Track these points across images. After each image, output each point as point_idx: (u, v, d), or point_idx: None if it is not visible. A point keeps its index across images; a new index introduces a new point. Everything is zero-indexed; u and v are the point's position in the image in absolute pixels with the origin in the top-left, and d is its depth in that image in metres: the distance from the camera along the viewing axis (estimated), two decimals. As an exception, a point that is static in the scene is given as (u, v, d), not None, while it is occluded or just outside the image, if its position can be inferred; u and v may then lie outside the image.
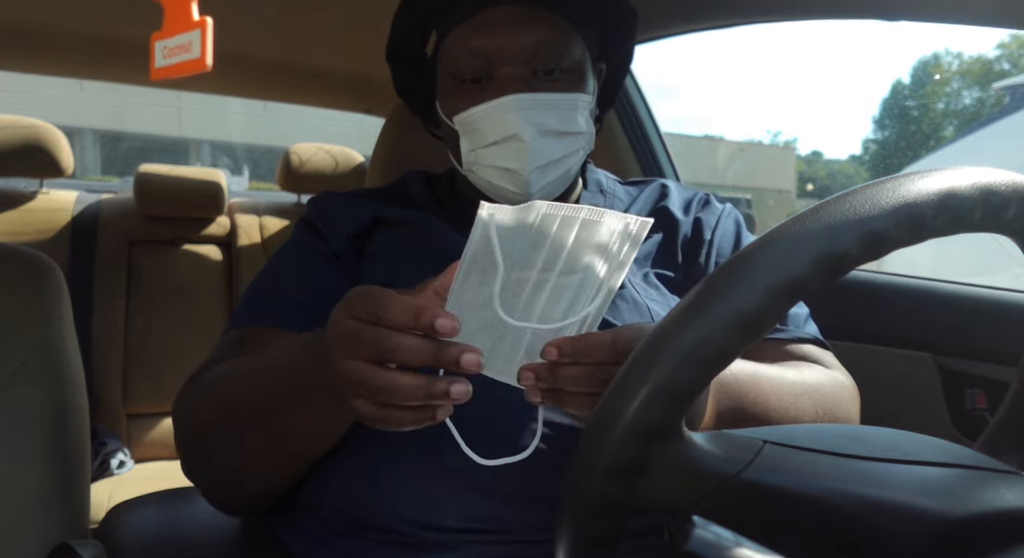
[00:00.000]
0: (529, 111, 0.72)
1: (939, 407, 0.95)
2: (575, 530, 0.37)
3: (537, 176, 0.74)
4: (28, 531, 0.73)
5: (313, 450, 0.63)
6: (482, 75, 0.74)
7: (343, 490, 0.65)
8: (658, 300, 0.74)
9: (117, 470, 1.67)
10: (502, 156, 0.73)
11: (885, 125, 11.57)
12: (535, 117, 0.72)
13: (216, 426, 0.65)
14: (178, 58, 0.34)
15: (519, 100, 0.72)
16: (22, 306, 0.76)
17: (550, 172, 0.75)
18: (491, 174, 0.75)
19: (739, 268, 0.35)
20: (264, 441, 0.62)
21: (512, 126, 0.72)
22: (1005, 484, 0.39)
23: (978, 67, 9.90)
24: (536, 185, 0.74)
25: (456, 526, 0.61)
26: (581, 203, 0.82)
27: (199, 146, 13.59)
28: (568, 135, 0.75)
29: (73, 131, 10.57)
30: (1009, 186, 0.37)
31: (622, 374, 0.36)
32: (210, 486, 0.70)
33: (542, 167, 0.74)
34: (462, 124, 0.76)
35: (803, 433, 0.40)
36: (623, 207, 0.85)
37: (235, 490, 0.68)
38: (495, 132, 0.73)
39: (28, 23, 1.32)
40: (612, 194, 0.86)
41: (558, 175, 0.76)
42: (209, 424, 0.66)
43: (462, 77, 0.75)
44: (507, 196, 0.76)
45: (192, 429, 0.68)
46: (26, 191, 1.94)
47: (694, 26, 1.16)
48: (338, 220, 0.80)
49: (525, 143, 0.71)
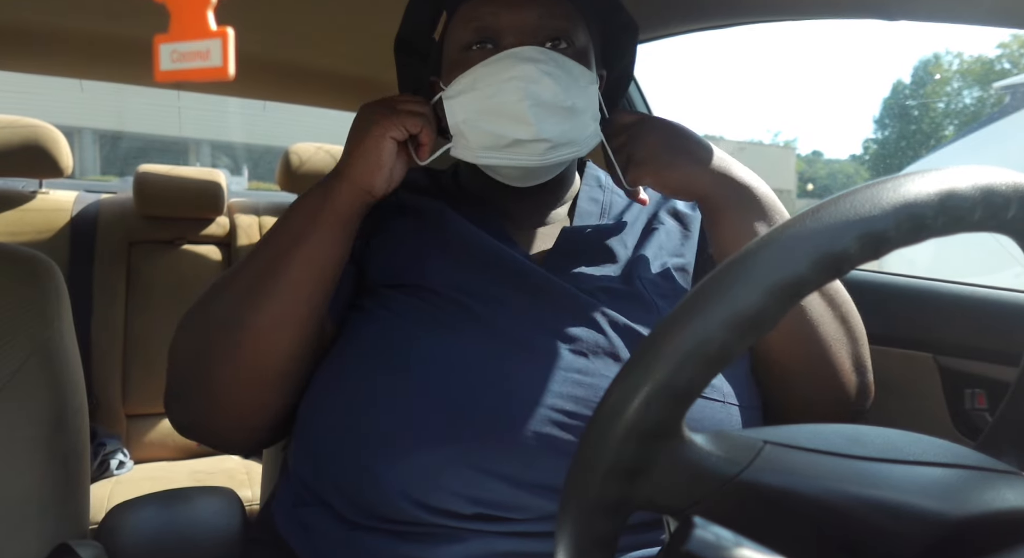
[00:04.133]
0: (535, 56, 0.70)
1: (939, 407, 0.95)
2: (575, 530, 0.37)
3: (540, 114, 0.69)
4: (28, 531, 0.73)
5: (323, 286, 0.69)
6: (489, 43, 0.74)
7: (347, 474, 0.65)
8: (670, 295, 0.74)
9: (117, 471, 1.67)
10: (501, 96, 0.69)
11: (885, 125, 11.58)
12: (540, 64, 0.70)
13: (224, 306, 0.69)
14: (193, 64, 0.34)
15: (524, 49, 0.70)
16: (21, 306, 0.76)
17: (555, 119, 0.70)
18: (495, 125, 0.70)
19: (739, 268, 0.35)
20: (275, 290, 0.67)
21: (512, 68, 0.69)
22: (1005, 484, 0.39)
23: (978, 67, 9.91)
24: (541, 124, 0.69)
25: (464, 511, 0.60)
26: (580, 196, 0.84)
27: (199, 146, 13.60)
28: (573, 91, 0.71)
29: (73, 131, 10.57)
30: (1010, 186, 0.37)
31: (622, 374, 0.36)
32: (211, 401, 0.69)
33: (545, 106, 0.69)
34: (461, 82, 0.72)
35: (803, 433, 0.40)
36: (621, 204, 0.84)
37: (242, 388, 0.69)
38: (496, 78, 0.70)
39: (28, 23, 1.31)
40: (611, 190, 0.86)
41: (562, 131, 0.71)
42: (215, 313, 0.69)
43: (468, 46, 0.75)
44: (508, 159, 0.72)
45: (189, 336, 0.70)
46: (25, 191, 1.94)
47: (694, 26, 1.16)
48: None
49: (527, 77, 0.68)
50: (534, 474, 0.60)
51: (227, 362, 0.68)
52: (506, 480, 0.60)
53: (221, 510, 0.80)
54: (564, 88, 0.70)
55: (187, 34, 0.34)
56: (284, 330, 0.67)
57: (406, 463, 0.61)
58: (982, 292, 0.94)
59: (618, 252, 0.76)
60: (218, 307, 0.70)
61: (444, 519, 0.61)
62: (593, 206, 0.83)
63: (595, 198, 0.84)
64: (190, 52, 0.34)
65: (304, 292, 0.68)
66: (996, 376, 0.91)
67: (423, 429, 0.62)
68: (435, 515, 0.61)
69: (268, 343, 0.67)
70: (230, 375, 0.68)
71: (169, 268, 1.92)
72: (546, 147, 0.70)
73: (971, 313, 0.94)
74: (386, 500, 0.62)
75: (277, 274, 0.67)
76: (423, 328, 0.67)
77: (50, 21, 1.31)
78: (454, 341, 0.66)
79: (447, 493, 0.60)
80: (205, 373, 0.68)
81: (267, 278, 0.68)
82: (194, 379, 0.69)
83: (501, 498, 0.60)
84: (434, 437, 0.61)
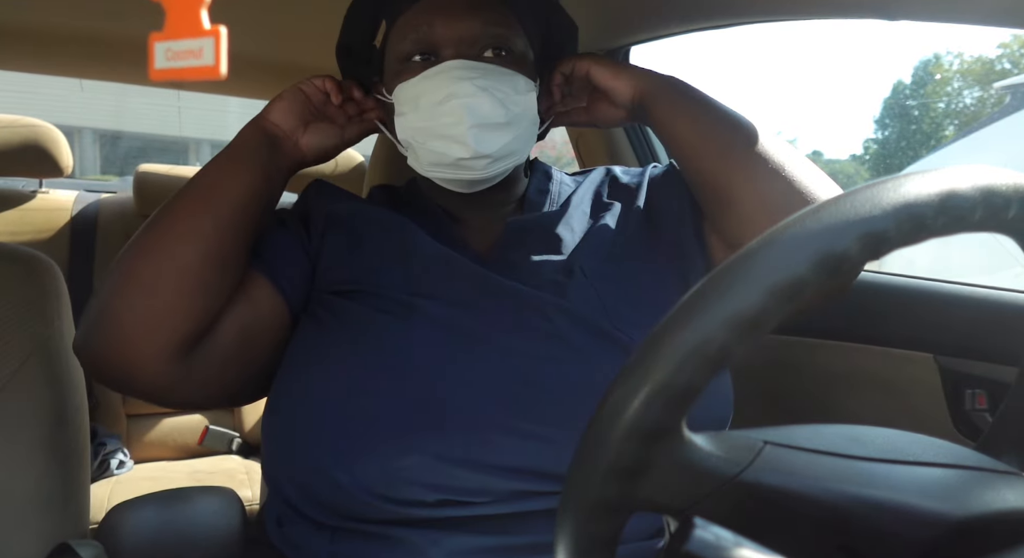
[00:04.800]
0: (470, 74, 0.73)
1: (939, 407, 0.95)
2: (575, 530, 0.37)
3: (478, 135, 0.72)
4: (28, 531, 0.73)
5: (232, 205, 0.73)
6: (429, 54, 0.76)
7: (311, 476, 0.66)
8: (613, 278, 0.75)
9: (117, 470, 1.67)
10: (441, 118, 0.73)
11: (886, 125, 11.58)
12: (476, 80, 0.72)
13: (157, 228, 0.72)
14: (186, 62, 0.34)
15: (460, 63, 0.73)
16: (22, 306, 0.76)
17: (493, 136, 0.73)
18: (435, 144, 0.75)
19: (739, 268, 0.35)
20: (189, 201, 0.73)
21: (450, 86, 0.72)
22: (1005, 484, 0.39)
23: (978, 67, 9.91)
24: (480, 144, 0.73)
25: (428, 499, 0.62)
26: (529, 188, 0.86)
27: (199, 146, 13.59)
28: (509, 105, 0.74)
29: (73, 131, 10.57)
30: (1010, 186, 0.37)
31: (622, 374, 0.36)
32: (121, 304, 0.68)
33: (483, 126, 0.73)
34: (403, 94, 0.76)
35: (803, 433, 0.40)
36: (569, 191, 0.86)
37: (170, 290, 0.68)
38: (435, 95, 0.73)
39: (28, 23, 1.31)
40: (559, 181, 0.88)
41: (502, 145, 0.74)
42: (149, 234, 0.72)
43: (409, 58, 0.76)
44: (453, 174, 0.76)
45: (128, 253, 0.71)
46: (25, 191, 1.94)
47: (694, 26, 1.16)
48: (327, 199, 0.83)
49: (464, 97, 0.72)
50: (493, 457, 0.62)
51: (137, 258, 0.70)
52: (466, 465, 0.62)
53: (221, 510, 0.80)
54: (502, 101, 0.73)
55: (181, 33, 0.34)
56: (199, 260, 0.69)
57: (365, 460, 0.63)
58: (982, 292, 0.94)
59: (564, 237, 0.79)
60: (144, 236, 0.72)
61: (411, 509, 0.62)
62: (541, 197, 0.85)
63: (543, 189, 0.86)
64: (183, 50, 0.34)
65: (214, 222, 0.71)
66: (996, 376, 0.91)
67: (380, 424, 0.64)
68: (402, 507, 0.62)
69: (171, 239, 0.70)
70: (137, 269, 0.69)
71: (169, 268, 1.92)
72: (487, 162, 0.74)
73: (971, 313, 0.94)
74: (354, 500, 0.63)
75: (186, 188, 0.75)
76: (376, 329, 0.69)
77: (49, 21, 1.31)
78: (406, 339, 0.68)
79: (411, 485, 0.62)
80: (117, 276, 0.69)
81: (180, 191, 0.75)
82: (110, 288, 0.69)
83: (463, 483, 0.62)
84: (392, 431, 0.63)
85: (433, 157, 0.76)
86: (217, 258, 0.70)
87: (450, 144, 0.73)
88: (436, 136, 0.74)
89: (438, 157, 0.75)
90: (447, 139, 0.73)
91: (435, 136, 0.74)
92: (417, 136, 0.76)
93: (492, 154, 0.74)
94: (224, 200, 0.72)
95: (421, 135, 0.75)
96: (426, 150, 0.76)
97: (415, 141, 0.76)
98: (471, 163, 0.74)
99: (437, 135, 0.74)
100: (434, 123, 0.73)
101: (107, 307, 0.68)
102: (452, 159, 0.74)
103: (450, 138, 0.73)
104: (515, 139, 0.75)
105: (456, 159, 0.74)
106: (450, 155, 0.74)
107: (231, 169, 0.75)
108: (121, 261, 0.70)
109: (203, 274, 0.69)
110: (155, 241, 0.70)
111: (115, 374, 0.69)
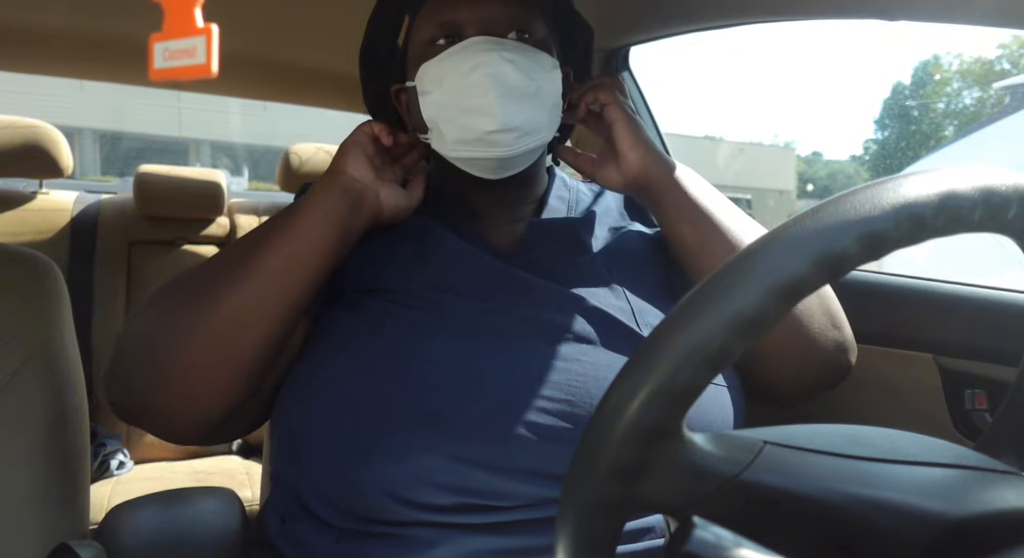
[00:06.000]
0: (495, 46, 0.72)
1: (939, 407, 0.95)
2: (575, 530, 0.37)
3: (505, 104, 0.71)
4: (28, 532, 0.73)
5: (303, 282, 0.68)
6: (453, 37, 0.75)
7: (328, 476, 0.64)
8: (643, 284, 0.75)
9: (117, 471, 1.68)
10: (467, 90, 0.71)
11: (885, 125, 11.59)
12: (502, 52, 0.72)
13: (199, 281, 0.68)
14: (181, 62, 0.34)
15: (485, 39, 0.73)
16: (22, 307, 0.76)
17: (520, 107, 0.72)
18: (462, 121, 0.73)
19: (739, 268, 0.35)
20: (258, 280, 0.66)
21: (475, 57, 0.71)
22: (1005, 484, 0.39)
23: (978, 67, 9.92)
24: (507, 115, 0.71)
25: (446, 503, 0.60)
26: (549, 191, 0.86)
27: (199, 146, 13.60)
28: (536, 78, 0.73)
29: (73, 131, 10.57)
30: (1010, 186, 0.37)
31: (622, 374, 0.36)
32: (161, 376, 0.66)
33: (509, 96, 0.71)
34: (427, 75, 0.75)
35: (803, 433, 0.40)
36: (588, 201, 0.86)
37: (197, 367, 0.65)
38: (460, 68, 0.72)
39: (28, 23, 1.31)
40: (576, 189, 0.88)
41: (528, 117, 0.73)
42: (187, 298, 0.67)
43: (433, 41, 0.76)
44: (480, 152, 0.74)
45: (159, 308, 0.68)
46: (26, 192, 1.94)
47: (694, 26, 1.16)
48: None
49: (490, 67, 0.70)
50: (515, 460, 0.61)
51: (190, 333, 0.65)
52: (487, 468, 0.60)
53: (221, 510, 0.80)
54: (527, 73, 0.72)
55: (177, 32, 0.34)
56: (253, 315, 0.66)
57: (386, 460, 0.61)
58: (982, 292, 0.94)
59: (588, 242, 0.78)
60: (191, 282, 0.69)
61: (428, 514, 0.61)
62: (560, 202, 0.85)
63: (562, 196, 0.86)
64: (179, 50, 0.34)
65: (281, 282, 0.67)
66: (996, 376, 0.91)
67: (401, 425, 0.62)
68: (419, 510, 0.61)
69: (235, 323, 0.65)
70: (190, 348, 0.65)
71: (169, 268, 1.92)
72: (514, 136, 0.72)
73: (971, 313, 0.94)
74: (368, 500, 0.62)
75: (255, 258, 0.67)
76: (398, 327, 0.68)
77: (50, 21, 1.31)
78: (429, 337, 0.66)
79: (429, 486, 0.60)
80: (161, 344, 0.66)
81: (248, 259, 0.68)
82: (148, 351, 0.66)
83: (483, 486, 0.60)
84: (413, 432, 0.62)
85: (458, 133, 0.74)
86: (281, 341, 0.69)
87: (476, 117, 0.71)
88: (462, 110, 0.72)
89: (463, 132, 0.73)
90: (473, 112, 0.71)
91: (461, 110, 0.72)
92: (443, 112, 0.74)
93: (518, 126, 0.72)
94: (299, 278, 0.68)
95: (447, 111, 0.73)
96: (452, 126, 0.74)
97: (440, 118, 0.74)
98: (498, 137, 0.72)
99: (463, 108, 0.72)
100: (460, 96, 0.72)
101: (149, 386, 0.66)
102: (479, 133, 0.72)
103: (476, 110, 0.71)
104: (541, 113, 0.74)
105: (483, 133, 0.72)
106: (477, 128, 0.72)
107: (309, 234, 0.68)
108: (168, 337, 0.66)
109: (267, 356, 0.68)
110: (219, 327, 0.65)
111: (156, 432, 0.70)
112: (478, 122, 0.72)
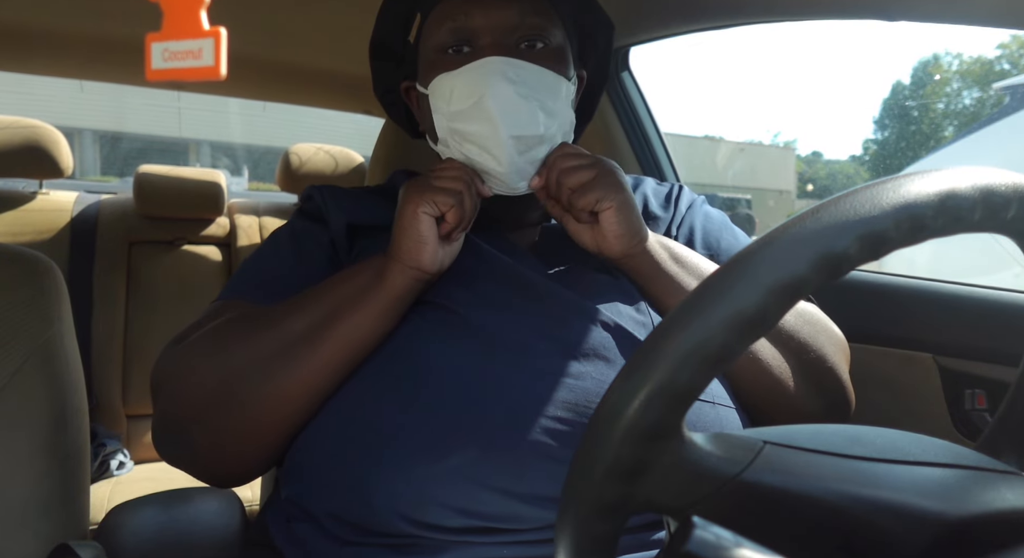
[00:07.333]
0: (509, 73, 0.69)
1: (939, 407, 0.95)
2: (575, 530, 0.37)
3: (514, 147, 0.70)
4: (28, 532, 0.73)
5: (356, 363, 0.67)
6: (465, 45, 0.74)
7: (339, 493, 0.64)
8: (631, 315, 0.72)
9: (117, 471, 1.67)
10: (477, 119, 0.70)
11: (885, 125, 11.59)
12: (513, 76, 0.69)
13: (249, 357, 0.66)
14: (185, 63, 0.34)
15: (500, 61, 0.70)
16: (22, 307, 0.76)
17: (530, 148, 0.71)
18: (468, 149, 0.72)
19: (739, 268, 0.35)
20: (308, 361, 0.65)
21: (488, 83, 0.69)
22: (1005, 484, 0.39)
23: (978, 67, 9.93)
24: (514, 158, 0.70)
25: (453, 525, 0.60)
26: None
27: (199, 146, 13.60)
28: (549, 114, 0.71)
29: (73, 131, 10.57)
30: (1009, 186, 0.37)
31: (622, 374, 0.36)
32: (212, 444, 0.67)
33: (520, 137, 0.70)
34: (438, 89, 0.73)
35: (803, 433, 0.40)
36: None
37: (249, 439, 0.67)
38: (471, 93, 0.70)
39: (28, 23, 1.32)
40: None
41: (537, 160, 0.72)
42: (237, 361, 0.66)
43: (445, 48, 0.74)
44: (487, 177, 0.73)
45: (202, 381, 0.67)
46: (26, 192, 1.94)
47: (694, 26, 1.16)
48: (341, 210, 0.79)
49: (500, 102, 0.68)
50: (526, 485, 0.59)
51: (239, 412, 0.66)
52: (498, 491, 0.59)
53: (221, 511, 0.80)
54: (540, 103, 0.70)
55: (180, 33, 0.34)
56: (305, 395, 0.66)
57: (397, 479, 0.60)
58: (982, 292, 0.94)
59: None
60: (242, 356, 0.67)
61: (433, 533, 0.60)
62: None
63: None
64: (181, 51, 0.34)
65: (336, 366, 0.66)
66: (996, 376, 0.91)
67: (415, 444, 0.61)
68: (424, 529, 0.60)
69: (287, 403, 0.66)
70: (239, 424, 0.66)
71: (169, 268, 1.92)
72: (519, 177, 0.73)
73: (971, 313, 0.94)
74: (377, 517, 0.61)
75: (314, 344, 0.65)
76: (414, 339, 0.67)
77: (50, 21, 1.31)
78: (446, 350, 0.65)
79: (438, 507, 0.59)
80: (211, 419, 0.66)
81: (302, 345, 0.65)
82: (199, 422, 0.67)
83: (493, 510, 0.59)
84: (427, 451, 0.61)
85: (465, 158, 0.73)
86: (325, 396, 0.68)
87: (483, 153, 0.71)
88: (470, 140, 0.71)
89: (470, 160, 0.73)
90: (481, 145, 0.71)
91: (469, 140, 0.71)
92: (452, 135, 0.73)
93: (524, 167, 0.72)
94: (356, 360, 0.67)
95: (456, 135, 0.73)
96: (460, 149, 0.73)
97: (450, 138, 0.74)
98: (504, 177, 0.72)
99: (471, 139, 0.71)
100: (469, 123, 0.70)
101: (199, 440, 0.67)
102: (485, 167, 0.72)
103: (484, 146, 0.70)
104: (552, 143, 0.73)
105: (489, 168, 0.72)
106: (483, 163, 0.72)
107: (376, 316, 0.66)
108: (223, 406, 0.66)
109: (311, 410, 0.67)
110: (272, 391, 0.65)
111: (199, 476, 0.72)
112: (484, 159, 0.71)
